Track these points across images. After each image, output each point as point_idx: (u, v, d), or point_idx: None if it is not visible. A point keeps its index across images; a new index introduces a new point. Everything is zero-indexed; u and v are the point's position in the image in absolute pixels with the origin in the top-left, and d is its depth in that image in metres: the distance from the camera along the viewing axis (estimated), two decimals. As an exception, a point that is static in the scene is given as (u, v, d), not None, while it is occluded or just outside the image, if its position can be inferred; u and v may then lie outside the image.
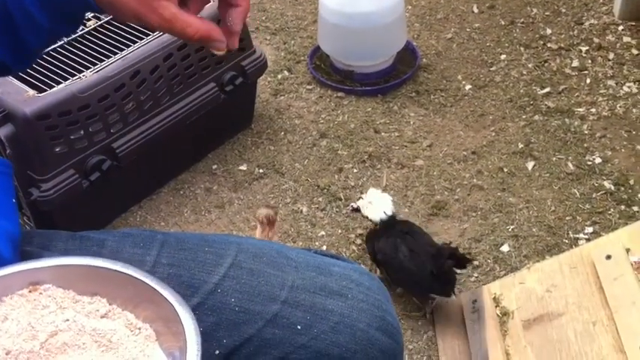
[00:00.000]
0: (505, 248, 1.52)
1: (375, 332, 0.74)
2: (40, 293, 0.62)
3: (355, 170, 1.76)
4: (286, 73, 2.05)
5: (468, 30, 2.15)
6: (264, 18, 2.27)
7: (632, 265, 1.22)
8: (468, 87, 1.95)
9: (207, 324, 0.71)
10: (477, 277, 1.47)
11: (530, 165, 1.70)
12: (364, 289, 0.76)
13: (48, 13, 0.65)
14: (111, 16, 1.71)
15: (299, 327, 0.72)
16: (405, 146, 1.81)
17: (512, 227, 1.56)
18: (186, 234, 0.81)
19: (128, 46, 1.63)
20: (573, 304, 1.24)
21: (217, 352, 0.71)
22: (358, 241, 1.58)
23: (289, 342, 0.72)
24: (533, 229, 1.55)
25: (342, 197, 1.69)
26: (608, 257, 1.24)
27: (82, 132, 1.51)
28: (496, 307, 1.32)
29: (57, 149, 1.48)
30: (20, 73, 1.47)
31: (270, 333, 0.72)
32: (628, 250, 1.24)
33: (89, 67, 1.57)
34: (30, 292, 0.62)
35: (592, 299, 1.22)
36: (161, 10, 0.64)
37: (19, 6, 0.64)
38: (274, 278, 0.74)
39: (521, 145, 1.75)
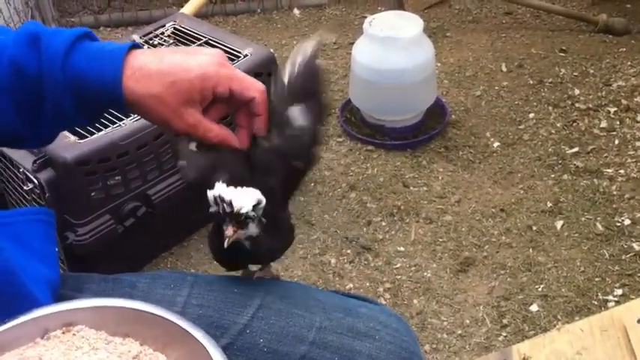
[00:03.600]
0: (534, 308, 1.52)
1: None
2: (74, 334, 0.64)
3: (384, 223, 1.78)
4: (317, 125, 2.09)
5: (496, 88, 2.19)
6: (296, 71, 2.31)
7: (665, 330, 1.21)
8: (496, 144, 1.97)
9: None
10: (505, 337, 1.47)
11: (559, 224, 1.71)
12: (392, 331, 0.77)
13: (77, 105, 0.71)
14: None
15: None
16: (434, 201, 1.82)
17: (541, 287, 1.56)
18: (214, 276, 0.83)
19: (166, 96, 1.67)
20: (605, 367, 1.23)
21: None
22: (387, 295, 1.58)
23: None
24: (563, 290, 1.55)
25: (371, 250, 1.70)
26: (640, 321, 1.24)
27: (119, 178, 1.54)
28: (526, 367, 1.31)
29: (94, 195, 1.52)
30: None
31: None
32: (660, 315, 1.24)
33: (129, 116, 1.61)
34: (64, 333, 0.64)
35: (624, 364, 1.21)
36: (186, 116, 0.71)
37: (53, 92, 0.70)
38: (302, 319, 0.75)
39: (549, 204, 1.76)
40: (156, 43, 1.85)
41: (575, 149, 1.93)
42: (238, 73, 0.74)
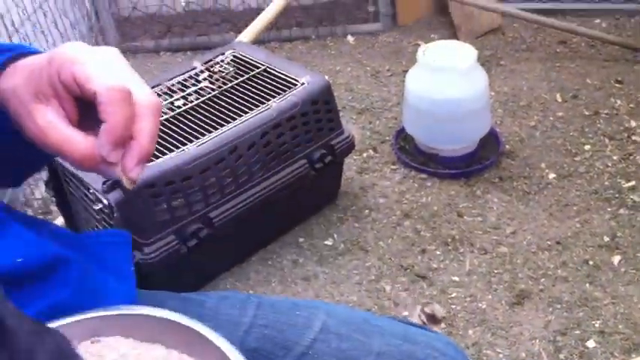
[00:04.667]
0: (591, 344, 1.51)
1: None
2: (100, 342, 0.65)
3: (438, 252, 1.79)
4: (371, 152, 2.12)
5: (551, 119, 2.19)
6: (350, 98, 2.35)
7: None
8: (551, 176, 1.97)
9: None
10: (562, 371, 1.47)
11: (616, 259, 1.70)
12: (449, 359, 0.78)
13: None
14: (212, 94, 1.81)
15: None
16: (488, 231, 1.83)
17: (598, 323, 1.56)
18: (277, 298, 0.85)
19: (228, 122, 1.72)
20: (667, 409, 1.22)
21: None
22: (442, 325, 1.59)
23: None
24: (620, 326, 1.54)
25: (426, 278, 1.72)
26: None
27: (183, 201, 1.59)
28: (585, 405, 1.31)
29: (160, 216, 1.56)
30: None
31: None
32: None
33: (192, 141, 1.66)
34: (92, 343, 0.65)
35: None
36: (35, 114, 0.55)
37: None
38: (361, 344, 0.78)
39: (606, 239, 1.76)
40: (216, 70, 1.90)
41: (632, 183, 1.92)
42: (90, 57, 0.55)
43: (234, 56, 1.93)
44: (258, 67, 1.87)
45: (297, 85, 1.79)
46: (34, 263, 0.65)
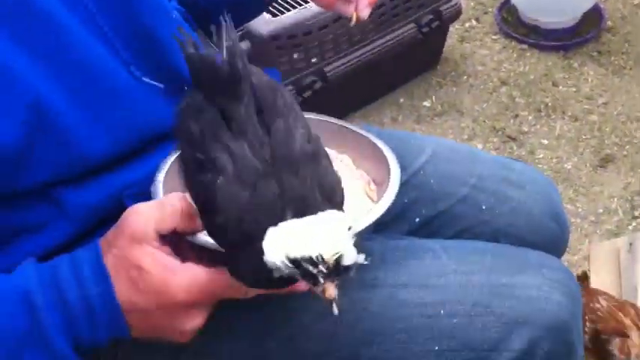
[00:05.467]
0: (666, 205, 1.65)
1: (547, 219, 0.94)
2: None
3: (530, 118, 1.92)
4: (474, 22, 2.22)
5: (657, -3, 2.21)
6: (457, -32, 2.42)
7: None
8: (649, 52, 2.04)
9: (411, 197, 0.92)
10: (635, 226, 1.62)
11: (702, 132, 1.80)
12: (540, 184, 0.96)
13: None
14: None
15: (483, 207, 0.92)
16: (581, 101, 1.94)
17: (676, 187, 1.69)
18: (394, 130, 1.02)
19: (344, -16, 1.85)
20: None
21: (417, 219, 0.93)
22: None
23: (474, 218, 0.92)
24: (697, 191, 1.67)
25: (517, 140, 1.86)
26: None
27: (302, 54, 1.77)
28: (652, 251, 1.47)
29: (281, 66, 1.76)
30: None
31: (460, 210, 0.92)
32: None
33: None
34: None
35: None
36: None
37: None
38: (466, 168, 0.94)
39: (696, 113, 1.85)
40: None
41: None
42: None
43: None
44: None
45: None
46: None
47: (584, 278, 1.35)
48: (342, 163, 0.83)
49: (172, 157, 0.76)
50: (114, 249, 0.64)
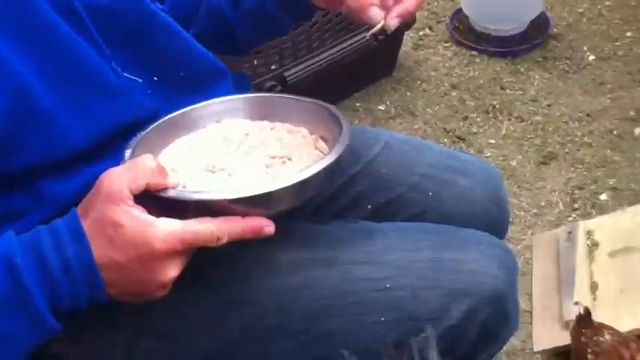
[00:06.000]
0: (603, 197, 1.75)
1: (489, 203, 1.02)
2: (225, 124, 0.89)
3: (479, 119, 2.02)
4: (427, 30, 2.32)
5: (599, 7, 2.33)
6: (412, -20, 2.53)
7: None
8: (591, 57, 2.15)
9: (365, 185, 1.00)
10: (574, 218, 1.72)
11: (637, 131, 1.90)
12: (484, 172, 1.05)
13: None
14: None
15: (430, 194, 1.00)
16: (527, 103, 2.05)
17: (612, 181, 1.79)
18: (348, 125, 1.09)
19: (301, -6, 1.95)
20: (655, 241, 1.46)
21: (370, 206, 1.01)
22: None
23: (423, 204, 1.00)
24: (632, 185, 1.77)
25: (466, 140, 1.96)
26: (691, 206, 1.46)
27: (262, 60, 1.86)
28: (587, 239, 1.56)
29: (244, 71, 1.84)
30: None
31: (410, 196, 1.00)
32: None
33: (268, 9, 1.91)
34: (217, 122, 0.89)
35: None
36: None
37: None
38: (416, 157, 1.02)
39: (632, 113, 1.95)
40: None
41: (667, 67, 2.08)
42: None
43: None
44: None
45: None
46: None
47: (588, 316, 1.36)
48: (300, 134, 0.90)
49: (140, 137, 0.82)
50: (91, 212, 0.69)
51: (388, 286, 0.85)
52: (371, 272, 0.86)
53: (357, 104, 2.12)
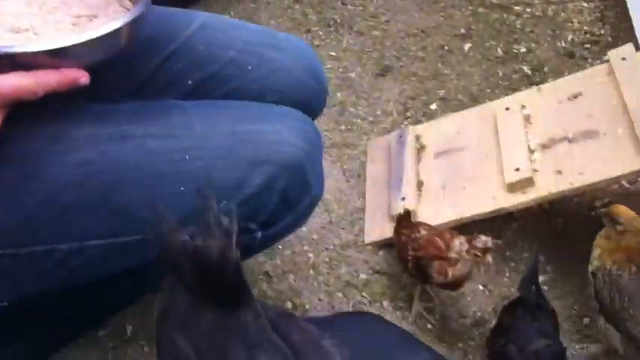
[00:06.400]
0: (433, 106, 1.86)
1: (307, 78, 1.06)
2: None
3: (321, 33, 2.06)
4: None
5: None
6: None
7: (523, 116, 1.56)
8: (427, -21, 2.24)
9: (183, 63, 1.00)
10: (406, 125, 1.81)
11: (467, 46, 2.02)
12: (301, 49, 1.09)
13: None
14: None
15: (250, 67, 1.02)
16: (367, 19, 2.10)
17: (442, 92, 1.89)
18: (164, 7, 1.06)
19: None
20: (474, 142, 1.59)
21: (190, 82, 1.01)
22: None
23: (241, 78, 1.02)
24: (459, 96, 1.89)
25: (307, 52, 1.99)
26: (507, 109, 1.59)
27: None
28: (416, 142, 1.66)
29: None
30: None
31: (228, 71, 1.01)
32: (523, 107, 1.59)
33: None
34: None
35: (488, 139, 1.57)
36: None
37: None
38: (233, 35, 1.04)
39: (462, 30, 2.07)
40: None
41: (494, -11, 2.21)
42: None
43: None
44: None
45: None
46: None
47: (407, 216, 1.45)
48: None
49: None
50: None
51: (187, 157, 0.86)
52: (167, 145, 0.86)
53: (200, 15, 2.07)
